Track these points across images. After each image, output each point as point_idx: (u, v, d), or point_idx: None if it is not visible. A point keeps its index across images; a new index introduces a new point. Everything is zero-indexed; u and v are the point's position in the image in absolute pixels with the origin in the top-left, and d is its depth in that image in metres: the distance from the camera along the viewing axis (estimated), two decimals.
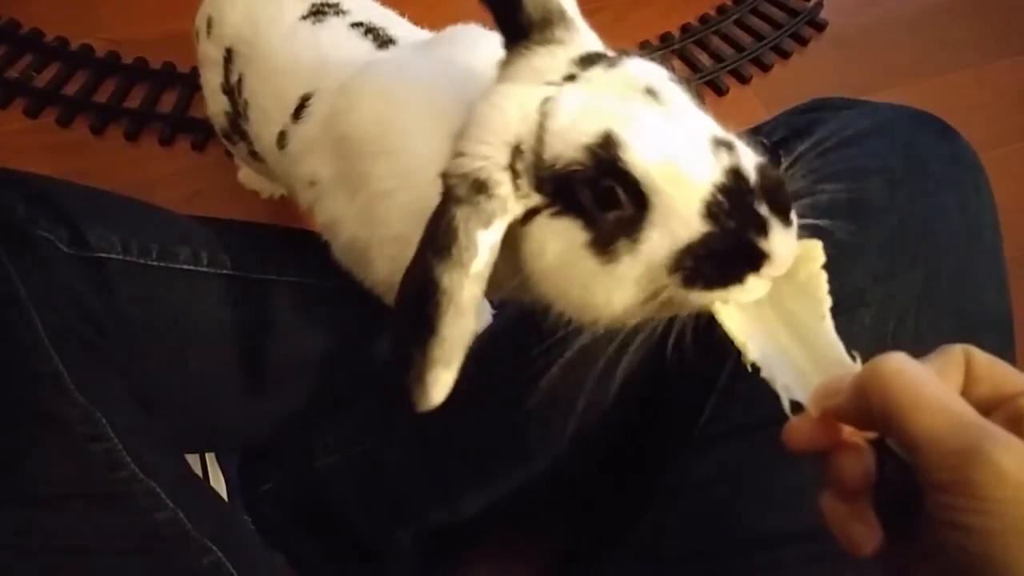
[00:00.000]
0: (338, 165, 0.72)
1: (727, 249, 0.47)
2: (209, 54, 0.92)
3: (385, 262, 0.70)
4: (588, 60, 0.54)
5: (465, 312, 0.51)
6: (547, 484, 0.85)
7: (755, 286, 0.48)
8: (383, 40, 0.79)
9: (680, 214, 0.48)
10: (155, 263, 0.81)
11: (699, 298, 0.49)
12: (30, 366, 0.68)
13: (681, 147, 0.48)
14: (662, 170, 0.48)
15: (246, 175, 1.23)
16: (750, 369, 0.48)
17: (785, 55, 1.56)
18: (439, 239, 0.51)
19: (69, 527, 0.64)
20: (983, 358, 0.42)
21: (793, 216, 0.49)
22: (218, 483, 0.91)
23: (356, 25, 0.82)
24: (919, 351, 0.63)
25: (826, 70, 1.54)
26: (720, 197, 0.47)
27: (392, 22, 0.84)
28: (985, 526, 0.36)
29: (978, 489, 0.36)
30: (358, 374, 0.92)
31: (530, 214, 0.53)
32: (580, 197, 0.50)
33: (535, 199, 0.52)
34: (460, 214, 0.51)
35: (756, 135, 0.76)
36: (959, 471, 0.36)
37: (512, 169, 0.52)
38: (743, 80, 1.52)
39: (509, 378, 0.79)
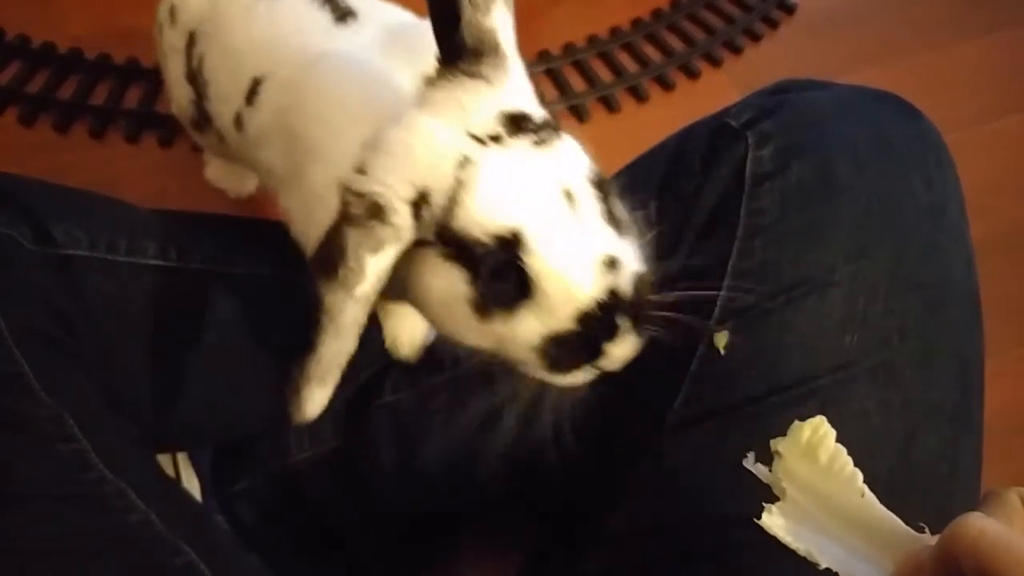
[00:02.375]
0: (288, 159, 0.72)
1: (578, 345, 0.53)
2: (172, 43, 0.90)
3: None
4: (517, 123, 0.54)
5: (344, 334, 0.53)
6: (522, 475, 0.85)
7: (583, 375, 0.55)
8: (342, 12, 0.76)
9: (557, 315, 0.52)
10: (123, 259, 0.80)
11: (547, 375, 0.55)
12: None
13: (578, 263, 0.52)
14: (555, 279, 0.52)
15: (214, 173, 1.21)
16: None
17: (756, 38, 1.57)
18: (328, 257, 0.52)
19: (38, 529, 0.63)
20: None
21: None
22: (191, 483, 0.91)
23: None
24: (889, 328, 0.65)
25: (797, 52, 1.55)
26: (594, 310, 0.52)
27: None
28: None
29: None
30: None
31: (422, 243, 0.54)
32: (477, 263, 0.52)
33: (430, 237, 0.53)
34: (352, 236, 0.51)
35: (724, 117, 0.77)
36: None
37: (414, 206, 0.52)
38: (715, 63, 1.52)
39: (479, 368, 0.80)
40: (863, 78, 0.82)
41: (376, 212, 0.52)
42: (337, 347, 0.53)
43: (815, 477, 0.45)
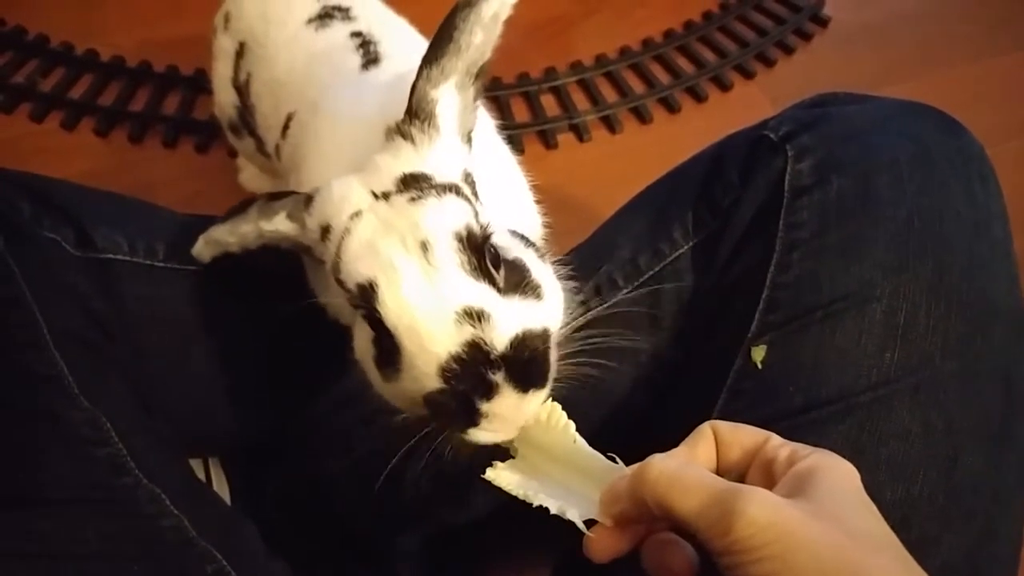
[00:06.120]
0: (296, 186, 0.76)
1: (452, 407, 0.53)
2: (223, 47, 0.95)
3: None
4: (406, 182, 0.59)
5: None
6: None
7: (482, 436, 0.54)
8: (370, 58, 0.79)
9: (419, 370, 0.54)
10: (160, 264, 0.81)
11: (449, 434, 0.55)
12: (34, 369, 0.67)
13: (427, 314, 0.53)
14: (407, 330, 0.54)
15: (247, 177, 1.22)
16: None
17: (789, 51, 1.56)
18: None
19: (71, 532, 0.64)
20: (726, 427, 0.49)
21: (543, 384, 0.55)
22: (221, 487, 0.91)
23: (355, 35, 0.82)
24: (931, 346, 0.64)
25: (830, 65, 1.54)
26: (453, 364, 0.52)
27: (391, 32, 0.84)
28: (763, 572, 0.40)
29: (743, 543, 0.40)
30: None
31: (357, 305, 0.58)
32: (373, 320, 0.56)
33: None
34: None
35: (763, 129, 0.76)
36: (725, 534, 0.41)
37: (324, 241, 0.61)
38: (748, 76, 1.52)
39: None
40: (897, 92, 0.81)
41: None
42: None
43: (538, 434, 0.54)
